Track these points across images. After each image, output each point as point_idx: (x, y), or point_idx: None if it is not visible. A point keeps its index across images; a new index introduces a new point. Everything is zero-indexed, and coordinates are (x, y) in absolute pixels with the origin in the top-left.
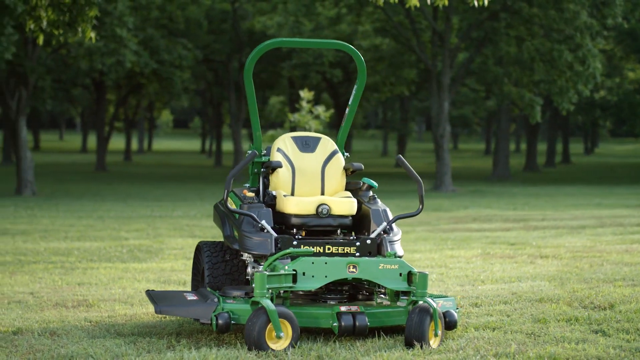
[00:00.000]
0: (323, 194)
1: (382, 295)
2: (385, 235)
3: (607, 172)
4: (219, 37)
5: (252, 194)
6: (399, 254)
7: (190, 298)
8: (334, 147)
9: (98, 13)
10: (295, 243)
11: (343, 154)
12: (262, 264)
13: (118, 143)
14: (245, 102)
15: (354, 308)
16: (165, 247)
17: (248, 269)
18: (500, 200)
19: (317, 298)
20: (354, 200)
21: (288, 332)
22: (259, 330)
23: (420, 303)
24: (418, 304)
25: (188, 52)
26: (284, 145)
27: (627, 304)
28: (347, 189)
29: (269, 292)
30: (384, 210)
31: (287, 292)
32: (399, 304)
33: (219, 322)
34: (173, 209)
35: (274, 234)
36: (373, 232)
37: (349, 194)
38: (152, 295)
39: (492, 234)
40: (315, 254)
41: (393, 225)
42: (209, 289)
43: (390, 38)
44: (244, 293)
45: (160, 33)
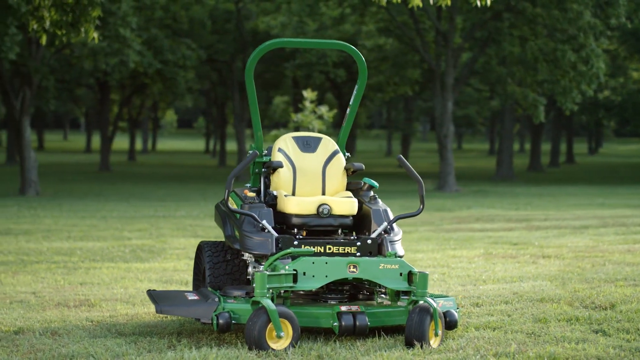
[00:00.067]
0: (324, 194)
1: (382, 295)
2: (386, 235)
3: (610, 172)
4: (223, 37)
5: (253, 194)
6: (400, 254)
7: (191, 298)
8: (335, 147)
9: (101, 13)
10: (296, 243)
11: (344, 154)
12: (262, 264)
13: (122, 143)
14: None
15: (355, 308)
16: (168, 247)
17: (249, 269)
18: (503, 200)
19: (317, 298)
20: (355, 200)
21: (288, 331)
22: (260, 330)
23: (421, 303)
24: (418, 304)
25: (192, 52)
26: (285, 145)
27: (628, 304)
28: (348, 189)
29: (270, 291)
30: (385, 210)
31: (287, 291)
32: (400, 304)
33: (220, 321)
34: (176, 209)
35: (275, 234)
36: (374, 232)
37: (350, 194)
38: (153, 295)
39: (494, 234)
40: (316, 254)
41: (394, 225)
42: (210, 289)
43: (394, 38)
44: (245, 293)
45: (164, 33)
